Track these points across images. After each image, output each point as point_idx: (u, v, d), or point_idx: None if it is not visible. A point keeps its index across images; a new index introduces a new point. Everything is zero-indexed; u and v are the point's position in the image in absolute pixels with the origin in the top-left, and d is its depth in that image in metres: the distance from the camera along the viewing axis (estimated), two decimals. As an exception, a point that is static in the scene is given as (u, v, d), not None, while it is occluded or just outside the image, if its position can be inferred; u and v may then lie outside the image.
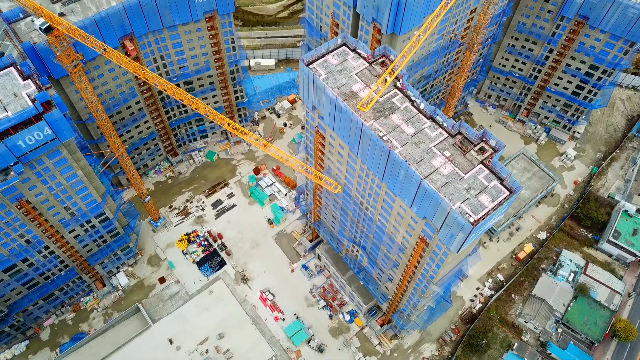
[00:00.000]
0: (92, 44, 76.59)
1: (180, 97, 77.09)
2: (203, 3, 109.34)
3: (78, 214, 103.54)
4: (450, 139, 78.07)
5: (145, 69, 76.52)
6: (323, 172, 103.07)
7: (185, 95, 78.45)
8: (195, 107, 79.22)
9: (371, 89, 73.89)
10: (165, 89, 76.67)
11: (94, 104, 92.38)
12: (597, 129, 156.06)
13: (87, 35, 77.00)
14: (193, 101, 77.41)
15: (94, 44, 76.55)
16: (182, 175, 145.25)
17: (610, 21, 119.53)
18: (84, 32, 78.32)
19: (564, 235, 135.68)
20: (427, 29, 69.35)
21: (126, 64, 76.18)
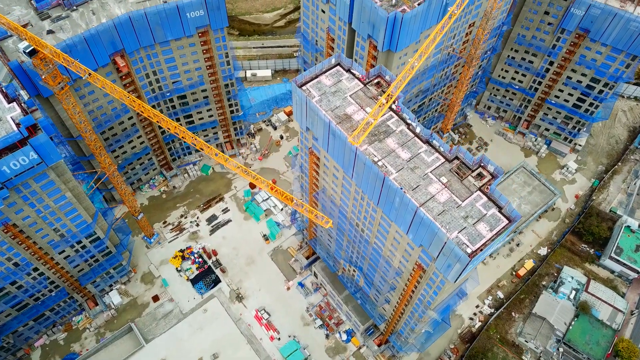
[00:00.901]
0: (77, 68, 74.34)
1: (167, 125, 74.73)
2: (196, 18, 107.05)
3: (68, 235, 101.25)
4: (447, 164, 75.71)
5: (131, 96, 74.34)
6: (318, 191, 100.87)
7: (171, 124, 76.03)
8: (182, 137, 76.95)
9: (361, 124, 71.08)
10: (150, 115, 74.32)
11: (83, 124, 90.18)
12: (599, 140, 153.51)
13: (71, 59, 74.77)
14: (178, 130, 75.01)
15: (79, 69, 74.26)
16: (176, 189, 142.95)
17: (611, 35, 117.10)
18: (68, 56, 76.08)
19: (565, 251, 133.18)
20: (422, 55, 67.02)
21: (111, 90, 74.02)
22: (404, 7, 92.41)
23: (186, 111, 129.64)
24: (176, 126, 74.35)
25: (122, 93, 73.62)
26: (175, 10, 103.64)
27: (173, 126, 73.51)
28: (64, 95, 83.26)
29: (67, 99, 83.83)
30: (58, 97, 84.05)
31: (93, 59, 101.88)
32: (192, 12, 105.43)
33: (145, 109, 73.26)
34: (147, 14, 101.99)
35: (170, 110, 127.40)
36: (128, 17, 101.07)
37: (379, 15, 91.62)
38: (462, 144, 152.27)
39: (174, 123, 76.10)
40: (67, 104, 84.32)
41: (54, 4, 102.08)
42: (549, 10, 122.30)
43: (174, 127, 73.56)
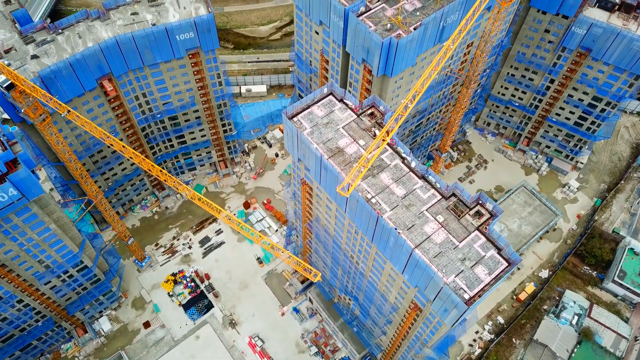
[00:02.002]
0: (55, 105, 71.21)
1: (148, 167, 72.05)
2: (185, 41, 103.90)
3: (53, 266, 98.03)
4: (444, 201, 72.47)
5: (110, 136, 71.36)
6: (312, 221, 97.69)
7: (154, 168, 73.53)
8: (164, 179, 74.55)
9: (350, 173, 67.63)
10: (131, 156, 71.56)
11: (67, 154, 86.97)
12: (601, 158, 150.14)
13: (49, 96, 71.75)
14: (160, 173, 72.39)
15: (57, 106, 71.11)
16: (168, 210, 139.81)
17: (614, 54, 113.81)
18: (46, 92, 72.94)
19: (567, 274, 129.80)
20: (416, 94, 63.72)
21: (91, 129, 71.12)
22: (399, 32, 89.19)
23: (178, 132, 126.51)
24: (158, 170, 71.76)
25: (102, 132, 70.62)
26: (164, 33, 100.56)
27: (156, 170, 70.82)
28: (45, 127, 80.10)
29: (49, 129, 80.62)
30: (40, 128, 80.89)
31: (79, 84, 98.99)
32: (181, 35, 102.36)
33: (127, 150, 70.26)
34: (135, 37, 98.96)
35: (161, 131, 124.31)
36: (115, 41, 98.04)
37: (374, 41, 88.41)
38: (462, 162, 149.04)
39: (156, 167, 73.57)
40: (49, 135, 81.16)
41: (39, 27, 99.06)
42: (549, 28, 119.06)
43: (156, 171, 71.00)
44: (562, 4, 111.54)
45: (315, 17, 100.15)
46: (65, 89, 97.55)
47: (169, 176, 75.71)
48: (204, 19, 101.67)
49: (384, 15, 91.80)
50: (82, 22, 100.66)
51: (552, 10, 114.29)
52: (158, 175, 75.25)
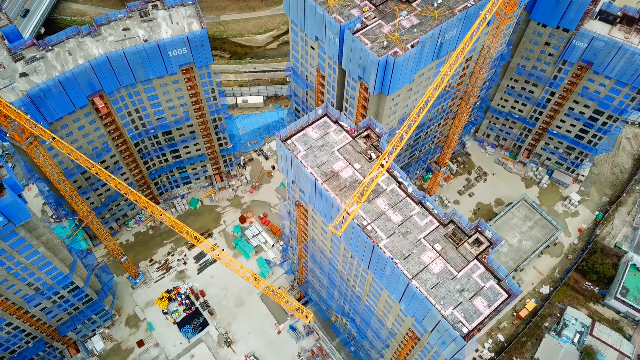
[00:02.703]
0: (40, 131, 69.12)
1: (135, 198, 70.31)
2: (178, 57, 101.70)
3: (43, 288, 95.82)
4: (442, 228, 70.37)
5: (96, 166, 69.82)
6: (308, 241, 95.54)
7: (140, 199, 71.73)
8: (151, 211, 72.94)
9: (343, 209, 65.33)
10: (117, 186, 69.69)
11: (56, 176, 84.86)
12: (603, 170, 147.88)
13: (34, 122, 69.57)
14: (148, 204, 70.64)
15: (42, 132, 69.01)
16: (163, 225, 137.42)
17: (615, 68, 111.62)
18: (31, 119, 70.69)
19: (568, 290, 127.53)
20: (411, 124, 61.49)
21: (76, 157, 69.20)
22: (395, 50, 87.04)
23: (172, 146, 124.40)
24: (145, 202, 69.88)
25: (87, 161, 68.66)
26: (157, 49, 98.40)
27: (143, 200, 68.95)
28: (33, 150, 77.96)
29: (37, 152, 78.49)
30: (28, 151, 78.76)
31: (69, 101, 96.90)
32: (174, 51, 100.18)
33: (112, 180, 68.14)
34: (127, 53, 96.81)
35: (155, 146, 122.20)
36: (106, 58, 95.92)
37: (370, 59, 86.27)
38: (461, 174, 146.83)
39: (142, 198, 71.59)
40: (36, 158, 79.03)
41: (28, 43, 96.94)
42: (549, 41, 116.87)
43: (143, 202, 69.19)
44: (562, 17, 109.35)
45: (311, 32, 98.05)
46: (55, 107, 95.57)
47: (150, 203, 73.85)
48: (197, 34, 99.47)
49: (381, 32, 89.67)
50: (72, 38, 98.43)
51: (553, 24, 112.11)
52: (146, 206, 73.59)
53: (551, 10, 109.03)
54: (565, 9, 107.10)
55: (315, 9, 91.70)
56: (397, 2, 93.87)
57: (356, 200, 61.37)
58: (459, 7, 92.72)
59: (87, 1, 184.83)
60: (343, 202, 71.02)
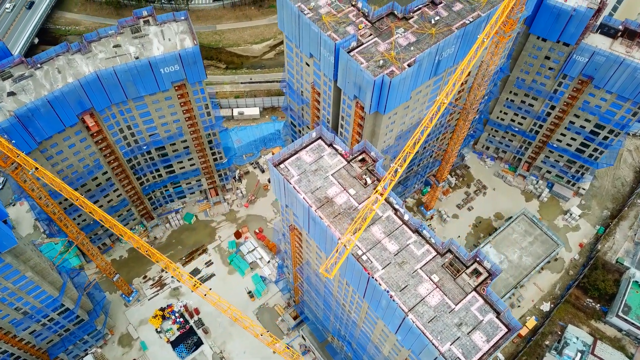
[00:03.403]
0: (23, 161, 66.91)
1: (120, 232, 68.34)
2: (170, 73, 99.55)
3: (32, 312, 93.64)
4: (439, 258, 68.15)
5: (80, 197, 67.10)
6: (303, 263, 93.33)
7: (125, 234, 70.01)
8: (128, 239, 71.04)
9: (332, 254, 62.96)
10: (102, 219, 67.64)
11: (44, 199, 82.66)
12: (604, 183, 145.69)
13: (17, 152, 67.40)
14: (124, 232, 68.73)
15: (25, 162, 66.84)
16: (157, 240, 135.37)
17: (617, 83, 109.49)
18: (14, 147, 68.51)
19: (569, 307, 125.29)
20: (406, 157, 59.33)
21: (60, 189, 67.05)
22: (392, 69, 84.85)
23: (166, 162, 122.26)
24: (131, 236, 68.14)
25: (71, 193, 66.30)
26: (148, 66, 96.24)
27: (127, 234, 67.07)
28: (19, 174, 75.77)
29: (23, 176, 76.30)
30: (12, 176, 76.59)
31: (59, 120, 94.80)
32: (166, 68, 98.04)
33: (96, 213, 65.97)
34: (117, 71, 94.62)
35: (148, 162, 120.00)
36: (96, 76, 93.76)
37: (365, 79, 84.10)
38: (460, 187, 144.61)
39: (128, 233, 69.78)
40: (22, 182, 76.86)
41: (17, 61, 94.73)
42: (549, 55, 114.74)
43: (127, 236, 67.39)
44: (562, 31, 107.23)
45: (306, 49, 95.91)
46: (43, 126, 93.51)
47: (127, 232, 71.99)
48: (190, 51, 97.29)
49: (377, 50, 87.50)
50: (62, 55, 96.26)
51: (553, 38, 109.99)
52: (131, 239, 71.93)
53: (551, 24, 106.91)
54: (566, 23, 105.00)
55: (309, 27, 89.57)
56: (393, 19, 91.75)
57: (348, 241, 59.00)
58: (456, 24, 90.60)
59: (82, 10, 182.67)
60: (337, 230, 68.84)
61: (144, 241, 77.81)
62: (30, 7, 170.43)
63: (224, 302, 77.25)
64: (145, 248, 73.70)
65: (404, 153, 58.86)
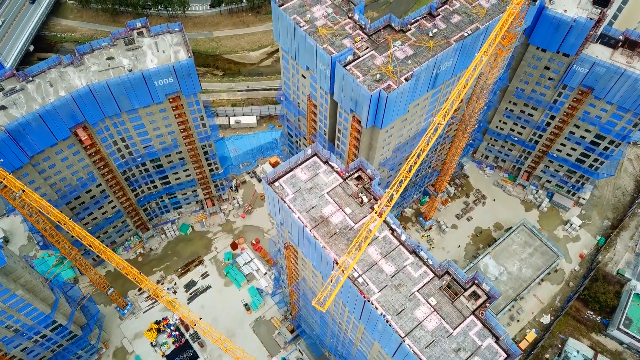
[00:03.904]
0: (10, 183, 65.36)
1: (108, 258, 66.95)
2: (165, 86, 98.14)
3: (23, 329, 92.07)
4: (437, 280, 66.61)
5: (67, 221, 65.52)
6: (299, 280, 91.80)
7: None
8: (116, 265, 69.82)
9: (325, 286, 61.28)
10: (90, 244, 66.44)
11: (34, 217, 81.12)
12: (604, 192, 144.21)
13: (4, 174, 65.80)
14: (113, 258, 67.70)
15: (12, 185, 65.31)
16: (153, 252, 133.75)
17: (617, 94, 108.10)
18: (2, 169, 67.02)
19: (569, 319, 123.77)
20: (402, 182, 57.76)
21: (47, 211, 65.43)
22: (389, 83, 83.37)
23: (161, 173, 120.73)
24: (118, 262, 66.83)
25: (59, 217, 64.69)
26: (141, 79, 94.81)
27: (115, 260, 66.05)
28: (8, 193, 74.28)
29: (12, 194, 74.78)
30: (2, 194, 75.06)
31: (51, 134, 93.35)
32: (160, 80, 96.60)
33: (85, 238, 64.62)
34: (110, 84, 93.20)
35: (143, 174, 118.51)
36: (88, 90, 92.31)
37: (362, 93, 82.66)
38: (459, 197, 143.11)
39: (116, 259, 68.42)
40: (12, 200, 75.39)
41: (8, 74, 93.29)
42: (549, 65, 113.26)
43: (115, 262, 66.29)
44: (562, 42, 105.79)
45: (302, 62, 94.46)
46: (35, 140, 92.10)
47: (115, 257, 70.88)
48: (184, 64, 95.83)
49: (374, 64, 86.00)
50: (54, 68, 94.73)
51: (552, 49, 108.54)
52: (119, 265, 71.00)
53: (551, 35, 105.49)
54: (565, 34, 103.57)
55: (305, 39, 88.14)
56: (390, 31, 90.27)
57: (346, 264, 57.45)
58: (455, 37, 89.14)
59: (78, 17, 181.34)
60: (333, 251, 67.36)
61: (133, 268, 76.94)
62: (33, 2, 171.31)
63: (214, 332, 75.87)
64: (134, 275, 72.55)
65: (400, 177, 57.35)
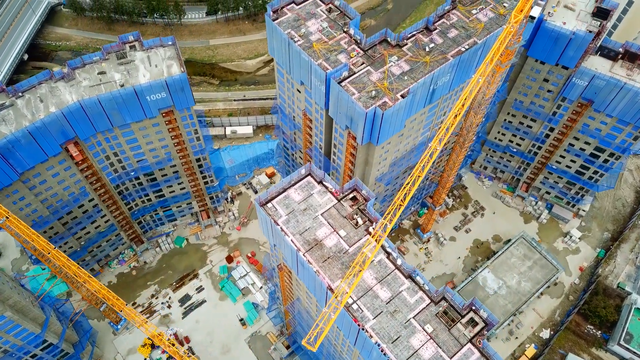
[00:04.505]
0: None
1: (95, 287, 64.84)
2: (157, 101, 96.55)
3: (13, 350, 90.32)
4: (433, 306, 64.93)
5: (52, 250, 63.64)
6: (294, 300, 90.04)
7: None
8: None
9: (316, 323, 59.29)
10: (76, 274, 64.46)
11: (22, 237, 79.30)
12: (604, 203, 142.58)
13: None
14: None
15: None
16: (147, 265, 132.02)
17: (617, 107, 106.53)
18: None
19: (569, 334, 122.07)
20: (396, 211, 56.07)
21: (32, 239, 63.61)
22: (385, 100, 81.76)
23: (155, 186, 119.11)
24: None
25: (44, 245, 62.93)
26: (133, 94, 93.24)
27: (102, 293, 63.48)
28: (-6, 214, 72.62)
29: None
30: (-12, 215, 73.36)
31: (41, 151, 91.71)
32: (152, 95, 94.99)
33: (70, 268, 62.69)
34: (102, 100, 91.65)
35: (137, 187, 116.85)
36: (79, 105, 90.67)
37: (357, 111, 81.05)
38: (457, 209, 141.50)
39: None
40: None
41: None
42: (548, 77, 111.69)
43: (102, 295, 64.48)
44: (561, 55, 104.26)
45: (296, 76, 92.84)
46: (25, 157, 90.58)
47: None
48: (177, 79, 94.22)
49: (369, 80, 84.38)
50: (44, 83, 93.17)
51: (551, 61, 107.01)
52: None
53: (550, 48, 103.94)
54: (564, 47, 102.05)
55: (299, 55, 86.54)
56: (386, 46, 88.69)
57: (342, 293, 55.74)
58: (452, 52, 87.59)
59: (73, 25, 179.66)
60: (327, 275, 65.72)
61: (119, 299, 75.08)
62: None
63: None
64: (120, 307, 70.80)
65: (395, 206, 55.65)
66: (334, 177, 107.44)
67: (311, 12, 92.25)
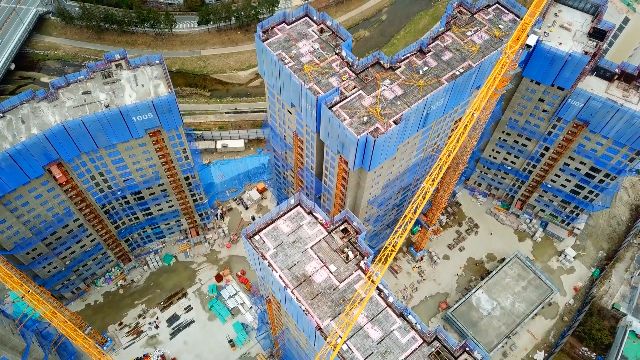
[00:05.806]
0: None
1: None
2: (144, 121, 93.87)
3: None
4: (425, 347, 62.72)
5: (25, 294, 60.80)
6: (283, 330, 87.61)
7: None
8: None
9: None
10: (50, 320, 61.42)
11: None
12: (599, 221, 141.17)
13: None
14: None
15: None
16: (135, 283, 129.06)
17: (613, 129, 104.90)
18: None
19: (564, 356, 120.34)
20: (388, 257, 54.07)
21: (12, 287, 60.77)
22: (377, 126, 79.53)
23: (143, 205, 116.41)
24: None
25: (20, 285, 60.07)
26: (119, 115, 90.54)
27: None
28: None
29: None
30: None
31: (23, 173, 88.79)
32: (139, 116, 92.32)
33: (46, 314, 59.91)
34: (85, 122, 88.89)
35: (124, 206, 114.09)
36: (62, 127, 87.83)
37: (348, 137, 78.81)
38: (451, 226, 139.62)
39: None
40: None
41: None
42: (543, 98, 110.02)
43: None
44: (557, 76, 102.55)
45: (287, 99, 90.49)
46: (5, 180, 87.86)
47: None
48: (164, 100, 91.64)
49: (361, 104, 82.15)
50: (26, 103, 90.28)
51: (547, 82, 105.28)
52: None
53: (545, 69, 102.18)
54: (560, 68, 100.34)
55: (290, 77, 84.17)
56: (379, 69, 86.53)
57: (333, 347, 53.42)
58: (446, 76, 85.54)
59: (62, 34, 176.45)
60: (316, 314, 63.41)
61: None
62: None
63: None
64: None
65: (387, 252, 53.46)
66: (326, 198, 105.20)
67: (302, 32, 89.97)
